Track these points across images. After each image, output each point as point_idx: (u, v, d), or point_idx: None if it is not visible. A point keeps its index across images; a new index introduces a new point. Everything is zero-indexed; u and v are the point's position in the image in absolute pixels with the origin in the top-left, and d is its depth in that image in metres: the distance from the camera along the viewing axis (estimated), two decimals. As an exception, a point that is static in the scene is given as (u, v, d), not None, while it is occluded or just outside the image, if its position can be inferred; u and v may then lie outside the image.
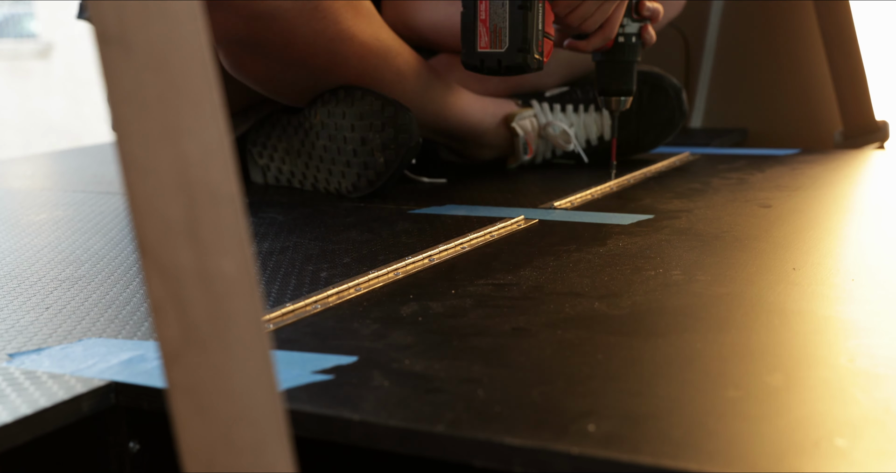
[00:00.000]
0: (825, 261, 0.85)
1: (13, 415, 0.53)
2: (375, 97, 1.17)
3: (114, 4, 0.40)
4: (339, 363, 0.61)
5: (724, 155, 1.54)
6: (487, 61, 1.12)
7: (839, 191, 1.25)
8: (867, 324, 0.66)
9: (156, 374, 0.59)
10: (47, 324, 0.71)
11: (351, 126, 1.19)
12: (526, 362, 0.61)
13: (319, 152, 1.23)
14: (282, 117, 1.30)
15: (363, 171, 1.18)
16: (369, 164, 1.17)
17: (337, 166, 1.21)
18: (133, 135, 0.40)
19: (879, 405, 0.52)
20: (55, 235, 1.02)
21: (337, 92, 1.20)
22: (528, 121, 1.39)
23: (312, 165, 1.25)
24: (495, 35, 1.11)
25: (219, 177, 0.41)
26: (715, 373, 0.58)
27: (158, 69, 0.40)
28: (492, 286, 0.78)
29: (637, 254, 0.87)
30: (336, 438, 0.53)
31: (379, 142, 1.16)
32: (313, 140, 1.23)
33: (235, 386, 0.42)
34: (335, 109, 1.20)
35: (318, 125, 1.23)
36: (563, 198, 1.14)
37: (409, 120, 1.15)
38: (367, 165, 1.17)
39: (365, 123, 1.17)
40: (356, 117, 1.18)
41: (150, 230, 0.41)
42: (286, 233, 1.01)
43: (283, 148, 1.29)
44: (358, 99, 1.18)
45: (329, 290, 0.77)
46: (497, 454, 0.49)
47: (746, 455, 0.47)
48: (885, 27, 2.60)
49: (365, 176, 1.18)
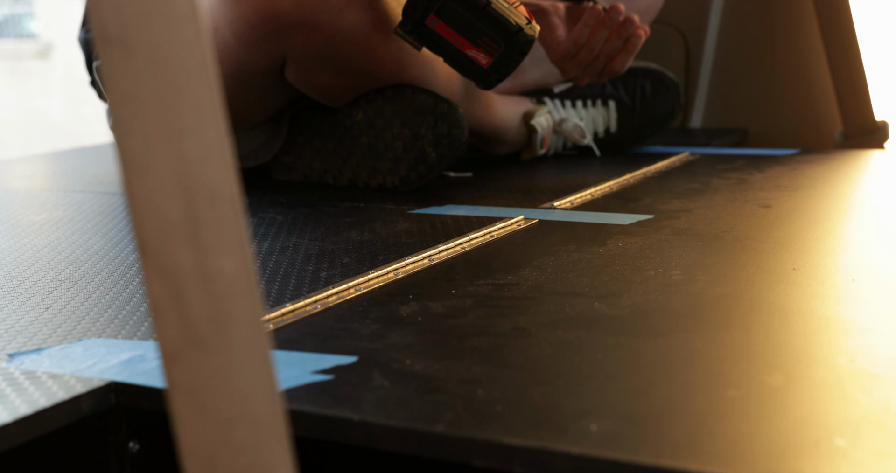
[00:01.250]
0: (825, 261, 0.85)
1: (13, 415, 0.53)
2: (427, 95, 1.22)
3: (114, 5, 0.40)
4: (338, 363, 0.61)
5: (724, 155, 1.54)
6: (500, 67, 1.14)
7: (839, 191, 1.25)
8: (867, 324, 0.66)
9: (156, 374, 0.59)
10: (47, 324, 0.71)
11: (401, 122, 1.23)
12: (526, 362, 0.61)
13: (362, 149, 1.27)
14: (315, 116, 1.31)
15: (414, 166, 1.23)
16: (420, 159, 1.22)
17: (383, 162, 1.25)
18: (133, 135, 0.40)
19: (879, 405, 0.52)
20: (55, 235, 1.02)
21: (384, 91, 1.24)
22: (543, 118, 1.48)
23: (353, 162, 1.28)
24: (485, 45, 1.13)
25: (219, 177, 0.41)
26: (715, 373, 0.58)
27: (158, 69, 0.40)
28: (491, 286, 0.78)
29: (637, 254, 0.87)
30: (336, 438, 0.53)
31: (431, 138, 1.21)
32: (355, 137, 1.27)
33: (235, 386, 0.42)
34: (384, 107, 1.24)
35: (361, 122, 1.26)
36: (563, 198, 1.14)
37: (460, 116, 1.21)
38: (418, 160, 1.22)
39: (417, 120, 1.22)
40: (409, 114, 1.22)
41: (150, 230, 0.41)
42: (286, 233, 1.01)
43: (315, 146, 1.32)
44: (409, 96, 1.23)
45: (329, 290, 0.77)
46: (497, 454, 0.49)
47: (746, 455, 0.47)
48: (885, 27, 2.60)
49: (416, 170, 1.23)
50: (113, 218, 1.11)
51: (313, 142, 1.32)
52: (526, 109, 1.48)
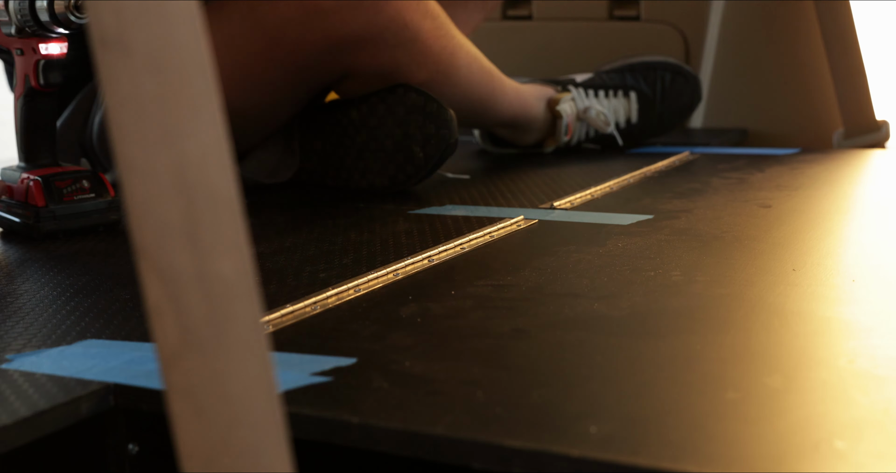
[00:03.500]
0: (825, 262, 0.85)
1: (12, 417, 0.53)
2: (418, 93, 1.22)
3: (112, 6, 0.40)
4: (338, 364, 0.60)
5: (724, 154, 1.54)
6: None
7: (839, 191, 1.25)
8: (867, 325, 0.66)
9: (154, 376, 0.59)
10: (46, 326, 0.71)
11: (392, 121, 1.23)
12: (525, 363, 0.61)
13: (356, 148, 1.27)
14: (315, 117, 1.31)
15: (403, 166, 1.23)
16: (409, 159, 1.22)
17: (375, 162, 1.25)
18: (131, 137, 0.40)
19: (879, 406, 0.52)
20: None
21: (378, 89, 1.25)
22: (568, 105, 1.49)
23: (349, 162, 1.28)
24: None
25: (217, 178, 0.41)
26: (714, 375, 0.58)
27: (157, 71, 0.40)
28: (491, 287, 0.78)
29: (636, 255, 0.87)
30: (335, 440, 0.53)
31: (420, 137, 1.21)
32: (352, 136, 1.28)
33: (234, 388, 0.42)
34: (377, 105, 1.25)
35: (356, 121, 1.27)
36: (563, 198, 1.14)
37: (449, 117, 1.20)
38: (406, 160, 1.22)
39: (408, 119, 1.22)
40: (400, 113, 1.23)
41: (149, 232, 0.41)
42: (285, 234, 1.01)
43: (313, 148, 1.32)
44: (400, 95, 1.23)
45: (328, 291, 0.77)
46: (496, 456, 0.49)
47: (746, 456, 0.47)
48: (885, 27, 2.60)
49: (404, 170, 1.22)
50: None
51: (312, 144, 1.32)
52: (550, 96, 1.49)
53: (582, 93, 1.51)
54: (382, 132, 1.24)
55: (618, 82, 1.53)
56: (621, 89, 1.53)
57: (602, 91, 1.53)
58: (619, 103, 1.53)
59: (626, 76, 1.54)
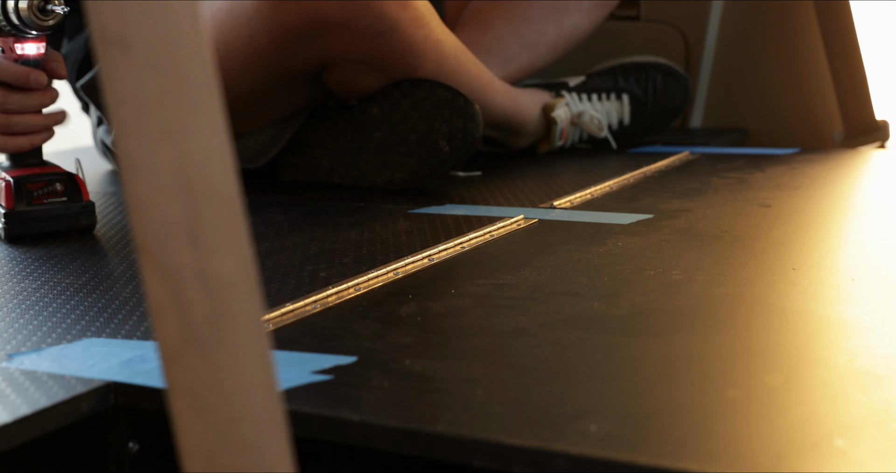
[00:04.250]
0: (825, 261, 0.85)
1: (13, 415, 0.53)
2: (444, 89, 1.22)
3: (113, 5, 0.40)
4: (338, 363, 0.61)
5: (724, 154, 1.54)
6: None
7: (839, 191, 1.25)
8: (867, 324, 0.66)
9: (155, 374, 0.59)
10: (46, 324, 0.71)
11: (417, 116, 1.24)
12: (525, 362, 0.61)
13: (374, 144, 1.27)
14: (329, 114, 1.31)
15: (426, 160, 1.23)
16: (433, 153, 1.22)
17: (394, 157, 1.25)
18: (133, 134, 0.40)
19: (879, 405, 0.52)
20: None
21: (401, 84, 1.25)
22: (563, 111, 1.50)
23: (362, 159, 1.28)
24: None
25: (218, 177, 0.41)
26: (715, 374, 0.58)
27: (158, 69, 0.40)
28: (491, 286, 0.78)
29: (637, 254, 0.87)
30: (335, 438, 0.53)
31: (446, 131, 1.22)
32: (368, 132, 1.28)
33: (235, 387, 0.42)
34: (401, 101, 1.25)
35: (376, 117, 1.27)
36: (563, 198, 1.14)
37: (476, 111, 1.21)
38: (431, 154, 1.23)
39: (434, 113, 1.22)
40: (425, 108, 1.23)
41: (150, 230, 0.41)
42: (286, 233, 1.01)
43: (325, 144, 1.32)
44: (426, 90, 1.23)
45: (328, 290, 0.77)
46: (496, 454, 0.49)
47: (746, 455, 0.47)
48: (885, 27, 2.60)
49: (428, 165, 1.23)
50: (113, 217, 1.11)
51: (324, 140, 1.32)
52: (545, 102, 1.50)
53: (575, 97, 1.52)
54: (406, 127, 1.24)
55: (610, 85, 1.55)
56: (614, 92, 1.55)
57: (595, 94, 1.54)
58: (612, 106, 1.55)
59: (618, 78, 1.55)
